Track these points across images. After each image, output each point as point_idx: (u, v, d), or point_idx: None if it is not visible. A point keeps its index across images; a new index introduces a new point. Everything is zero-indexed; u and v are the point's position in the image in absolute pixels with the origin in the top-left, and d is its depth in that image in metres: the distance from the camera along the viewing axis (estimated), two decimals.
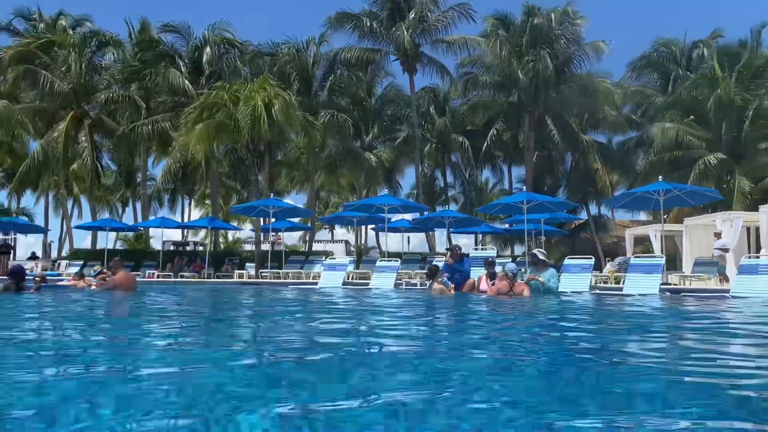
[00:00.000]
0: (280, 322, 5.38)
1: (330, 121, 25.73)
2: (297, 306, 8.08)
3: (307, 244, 31.53)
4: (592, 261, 12.03)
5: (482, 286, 10.02)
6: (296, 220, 25.59)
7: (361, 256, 24.86)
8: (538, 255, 9.92)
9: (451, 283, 9.94)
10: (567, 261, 12.23)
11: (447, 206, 34.50)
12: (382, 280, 13.26)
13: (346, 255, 27.90)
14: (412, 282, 14.62)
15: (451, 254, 11.17)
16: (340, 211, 33.46)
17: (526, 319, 5.81)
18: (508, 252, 32.66)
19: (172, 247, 28.62)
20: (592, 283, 11.85)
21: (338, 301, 9.05)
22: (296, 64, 26.38)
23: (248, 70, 26.70)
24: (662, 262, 11.46)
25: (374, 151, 31.59)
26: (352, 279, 15.57)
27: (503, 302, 7.81)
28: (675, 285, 13.03)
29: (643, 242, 22.60)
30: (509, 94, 28.43)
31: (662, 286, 11.05)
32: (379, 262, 14.44)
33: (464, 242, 36.66)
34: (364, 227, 35.14)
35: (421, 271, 15.01)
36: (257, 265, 21.75)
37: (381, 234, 28.66)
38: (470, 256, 13.37)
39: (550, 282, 9.52)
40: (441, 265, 10.86)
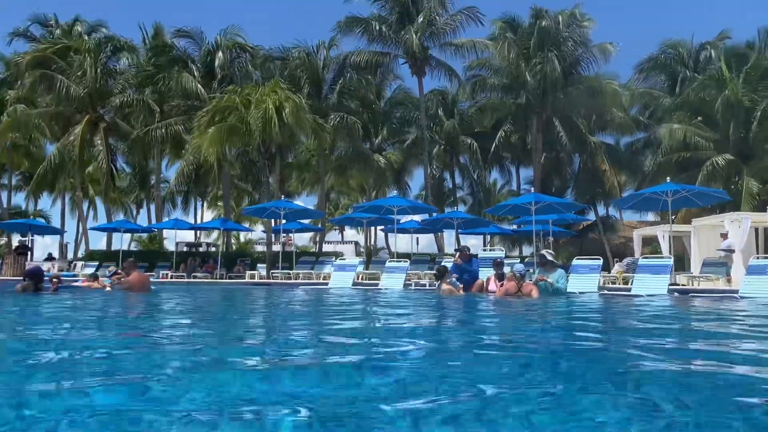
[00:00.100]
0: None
1: (340, 124, 25.95)
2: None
3: (318, 245, 31.82)
4: (601, 262, 12.01)
5: (491, 287, 10.07)
6: (307, 222, 25.68)
7: (371, 256, 25.03)
8: (547, 256, 9.94)
9: (460, 284, 9.95)
10: (575, 262, 12.19)
11: (455, 207, 34.58)
12: (392, 281, 13.28)
13: (356, 256, 28.03)
14: (421, 282, 14.61)
15: (460, 254, 11.27)
16: (350, 212, 33.67)
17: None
18: (517, 253, 32.71)
19: (185, 248, 28.85)
20: (600, 284, 11.81)
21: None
22: (306, 67, 26.65)
23: (259, 74, 27.04)
24: (671, 263, 11.37)
25: (383, 153, 31.79)
26: (361, 279, 15.63)
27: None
28: (683, 285, 12.89)
29: (651, 243, 22.55)
30: (517, 96, 28.49)
31: (670, 287, 10.97)
32: (389, 262, 14.48)
33: (473, 243, 36.76)
34: (374, 228, 35.28)
35: (430, 272, 14.91)
36: (268, 266, 22.06)
37: (390, 235, 28.86)
38: (479, 256, 13.41)
39: (559, 283, 9.53)
40: (450, 266, 10.89)
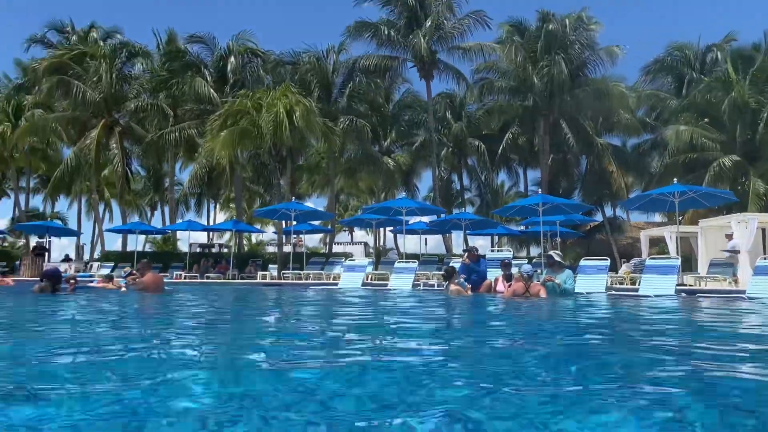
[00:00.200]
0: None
1: (349, 127, 26.21)
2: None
3: (328, 246, 32.21)
4: (608, 262, 12.08)
5: (498, 287, 10.25)
6: (317, 223, 25.91)
7: (380, 257, 25.27)
8: (554, 257, 9.99)
9: (468, 284, 10.13)
10: (583, 262, 12.25)
11: (463, 209, 34.80)
12: (401, 281, 13.47)
13: (365, 256, 28.31)
14: (429, 283, 14.69)
15: (468, 255, 11.49)
16: (360, 213, 33.93)
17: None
18: (524, 253, 32.95)
19: (198, 249, 29.24)
20: (607, 284, 11.89)
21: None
22: (317, 72, 26.95)
23: (270, 79, 27.43)
24: (678, 264, 11.37)
25: (392, 156, 32.11)
26: (371, 280, 15.84)
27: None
28: (690, 286, 12.86)
29: (658, 243, 22.67)
30: (524, 98, 28.59)
31: (678, 287, 10.94)
32: (398, 263, 14.69)
33: (481, 244, 36.94)
34: (383, 229, 35.50)
35: (439, 273, 15.10)
36: (279, 267, 22.45)
37: (399, 236, 29.23)
38: (487, 257, 13.53)
39: (566, 283, 9.60)
40: (458, 267, 11.10)
